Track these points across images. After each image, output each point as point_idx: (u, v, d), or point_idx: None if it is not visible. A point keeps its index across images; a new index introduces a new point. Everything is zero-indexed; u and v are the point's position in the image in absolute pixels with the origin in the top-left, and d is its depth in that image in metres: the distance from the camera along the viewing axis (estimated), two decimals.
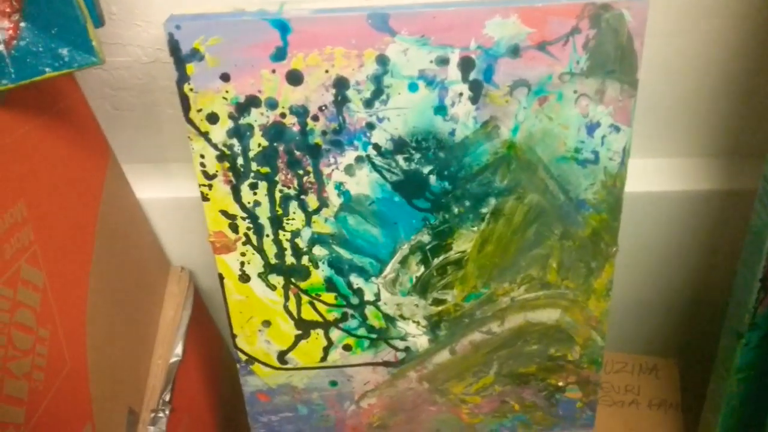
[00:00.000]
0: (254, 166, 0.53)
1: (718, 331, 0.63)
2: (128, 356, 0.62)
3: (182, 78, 0.49)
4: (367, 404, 0.66)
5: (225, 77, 0.49)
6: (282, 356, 0.63)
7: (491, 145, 0.52)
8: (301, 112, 0.50)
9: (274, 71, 0.49)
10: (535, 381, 0.64)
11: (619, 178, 0.53)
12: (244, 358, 0.63)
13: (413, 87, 0.49)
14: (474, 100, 0.50)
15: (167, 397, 0.64)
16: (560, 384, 0.64)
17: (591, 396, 0.65)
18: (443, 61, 0.48)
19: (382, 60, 0.48)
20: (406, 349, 0.62)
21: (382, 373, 0.64)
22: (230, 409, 0.74)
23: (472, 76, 0.49)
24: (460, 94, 0.50)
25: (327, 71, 0.49)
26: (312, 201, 0.54)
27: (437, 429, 0.68)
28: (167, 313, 0.69)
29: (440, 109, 0.50)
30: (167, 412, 0.63)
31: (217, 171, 0.53)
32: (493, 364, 0.63)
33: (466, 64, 0.49)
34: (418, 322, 0.61)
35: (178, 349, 0.67)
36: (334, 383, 0.65)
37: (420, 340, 0.62)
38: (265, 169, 0.53)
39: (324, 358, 0.63)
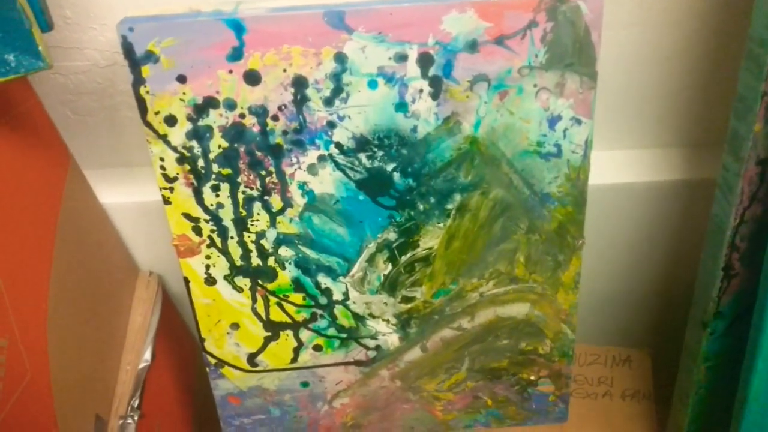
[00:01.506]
0: (215, 167, 0.52)
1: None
2: (95, 363, 0.62)
3: (138, 80, 0.48)
4: (340, 404, 0.66)
5: (181, 79, 0.48)
6: (252, 359, 0.62)
7: (454, 141, 0.51)
8: (260, 112, 0.50)
9: (231, 71, 0.48)
10: (507, 376, 0.64)
11: (582, 171, 0.53)
12: (213, 361, 0.62)
13: (373, 84, 0.49)
14: (434, 96, 0.50)
15: (136, 403, 0.63)
16: (532, 378, 0.64)
17: (563, 389, 0.65)
18: (402, 58, 0.48)
19: (340, 58, 0.48)
20: (377, 348, 0.62)
21: (353, 373, 0.64)
22: (203, 413, 0.73)
23: (432, 71, 0.49)
24: (420, 91, 0.49)
25: (285, 70, 0.48)
26: (276, 201, 0.54)
27: (411, 426, 0.68)
28: (136, 319, 0.68)
29: (401, 106, 0.50)
30: (136, 419, 0.62)
31: (177, 174, 0.52)
32: (465, 360, 0.63)
33: (424, 60, 0.48)
34: (387, 320, 0.60)
35: (147, 355, 0.66)
36: (305, 384, 0.64)
37: (391, 338, 0.61)
38: (227, 171, 0.52)
39: (294, 360, 0.62)
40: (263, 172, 0.52)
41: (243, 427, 0.67)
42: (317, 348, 0.62)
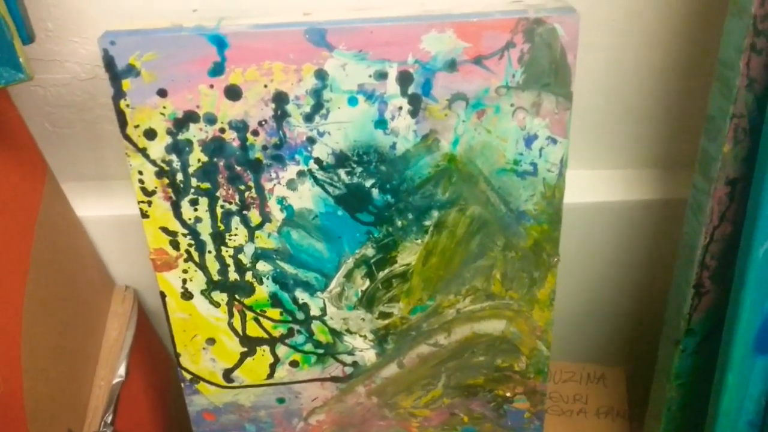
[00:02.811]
0: (194, 181, 0.52)
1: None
2: (68, 378, 0.61)
3: (118, 94, 0.48)
4: (316, 421, 0.66)
5: (162, 93, 0.48)
6: (228, 374, 0.62)
7: (432, 158, 0.52)
8: (240, 127, 0.50)
9: (212, 86, 0.48)
10: (483, 392, 0.65)
11: (557, 189, 0.54)
12: (188, 377, 0.62)
13: (353, 101, 0.50)
14: (413, 113, 0.50)
15: (109, 419, 0.62)
16: (508, 395, 0.65)
17: (538, 406, 0.66)
18: (382, 76, 0.49)
19: (321, 74, 0.48)
20: (354, 364, 0.62)
21: (330, 389, 0.64)
22: (178, 429, 0.73)
23: (411, 89, 0.49)
24: (400, 108, 0.50)
25: (266, 86, 0.49)
26: (254, 216, 0.54)
27: None
28: (110, 334, 0.67)
29: (380, 123, 0.51)
30: None
31: (156, 187, 0.52)
32: (441, 377, 0.63)
33: (404, 78, 0.49)
34: (365, 336, 0.60)
35: (122, 370, 0.65)
36: (281, 400, 0.64)
37: (367, 354, 0.61)
38: (206, 185, 0.52)
39: (271, 375, 0.62)
40: (242, 187, 0.52)
41: None
42: (294, 364, 0.62)
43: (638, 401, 0.71)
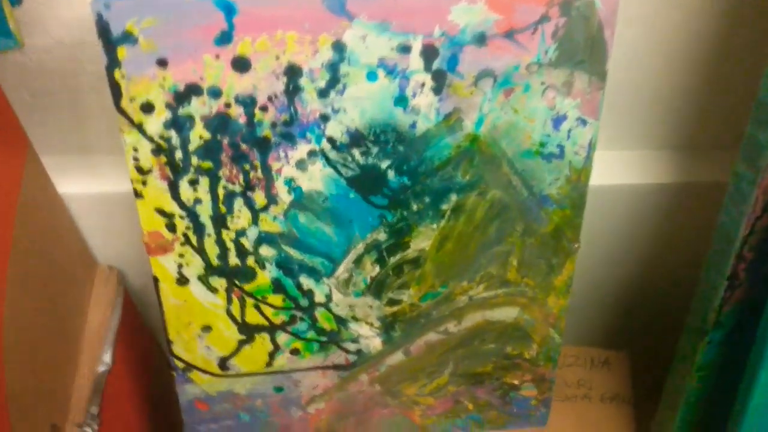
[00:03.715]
0: (195, 160, 0.48)
1: (671, 324, 0.63)
2: (51, 367, 0.57)
3: (113, 63, 0.43)
4: (315, 409, 0.63)
5: (162, 62, 0.44)
6: (223, 362, 0.58)
7: (454, 139, 0.49)
8: (248, 102, 0.46)
9: (218, 56, 0.44)
10: (490, 380, 0.62)
11: (584, 173, 0.51)
12: (181, 365, 0.58)
13: (372, 76, 0.46)
14: (437, 90, 0.46)
15: (94, 411, 0.58)
16: (516, 382, 0.63)
17: (546, 393, 0.64)
18: (405, 49, 0.45)
19: (339, 46, 0.44)
20: (358, 352, 0.59)
21: (331, 377, 0.60)
22: (166, 417, 0.69)
23: (436, 65, 0.45)
24: (422, 85, 0.46)
25: (278, 58, 0.44)
26: (259, 198, 0.50)
27: (388, 431, 0.65)
28: (94, 318, 0.63)
29: (401, 100, 0.47)
30: (95, 427, 0.57)
31: (152, 166, 0.48)
32: (449, 364, 0.61)
33: (429, 53, 0.45)
34: (371, 324, 0.57)
35: (107, 357, 0.61)
36: (279, 389, 0.61)
37: (373, 342, 0.58)
38: (207, 164, 0.48)
39: (269, 364, 0.59)
40: (247, 167, 0.48)
41: None
42: (295, 352, 0.58)
43: (643, 387, 0.70)
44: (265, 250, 0.52)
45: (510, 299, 0.57)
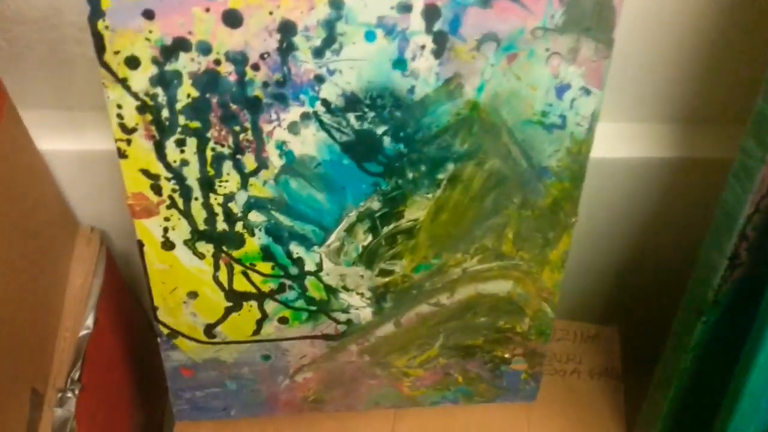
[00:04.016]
0: (182, 119, 0.45)
1: (663, 300, 0.62)
2: (30, 331, 0.55)
3: (96, 13, 0.41)
4: (303, 378, 0.62)
5: (148, 14, 0.41)
6: (210, 330, 0.57)
7: (453, 105, 0.47)
8: (239, 60, 0.43)
9: (208, 10, 0.41)
10: (481, 353, 0.61)
11: (585, 145, 0.49)
12: (166, 332, 0.56)
13: (370, 36, 0.43)
14: (437, 54, 0.44)
15: (76, 375, 0.57)
16: (506, 356, 0.62)
17: (536, 367, 0.63)
18: (405, 8, 0.42)
19: (336, 3, 0.42)
20: (348, 322, 0.57)
21: (320, 347, 0.59)
22: (150, 382, 0.67)
23: (437, 26, 0.43)
24: (423, 47, 0.44)
25: (271, 13, 0.42)
26: (249, 161, 0.48)
27: (376, 402, 0.64)
28: (75, 280, 0.61)
29: (399, 63, 0.45)
30: (76, 392, 0.56)
31: (137, 124, 0.45)
32: (439, 337, 0.60)
33: (431, 13, 0.43)
34: (362, 294, 0.56)
35: (89, 321, 0.59)
36: (266, 357, 0.59)
37: (363, 313, 0.57)
38: (195, 124, 0.46)
39: (257, 332, 0.57)
40: (237, 128, 0.46)
41: (195, 400, 0.62)
42: (283, 320, 0.57)
43: (632, 362, 0.69)
44: (255, 216, 0.50)
45: (504, 272, 0.56)
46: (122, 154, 0.47)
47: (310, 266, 0.54)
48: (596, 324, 0.72)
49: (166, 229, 0.50)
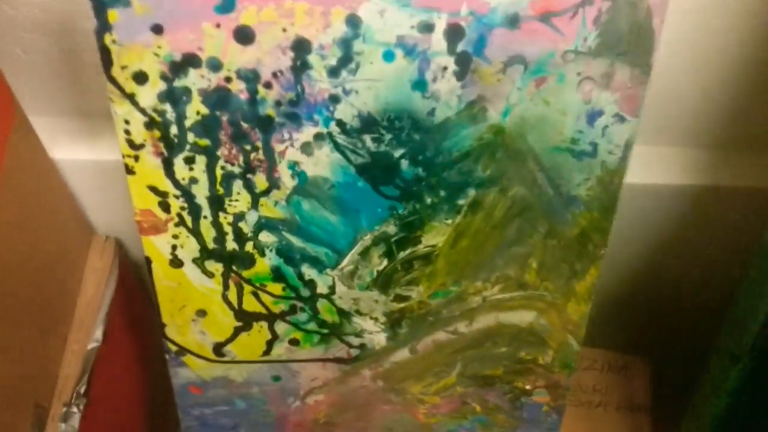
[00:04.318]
0: (191, 137, 0.44)
1: (698, 334, 0.59)
2: (38, 343, 0.54)
3: (103, 27, 0.39)
4: (314, 401, 0.60)
5: (157, 29, 0.39)
6: (218, 348, 0.55)
7: (476, 130, 0.44)
8: (250, 78, 0.41)
9: (218, 25, 0.39)
10: (501, 383, 0.59)
11: (617, 175, 0.46)
12: (174, 349, 0.55)
13: (389, 56, 0.41)
14: (460, 75, 0.42)
15: (82, 390, 0.55)
16: (528, 387, 0.59)
17: (559, 400, 0.60)
18: (427, 28, 0.40)
19: (353, 21, 0.39)
20: (361, 346, 0.55)
21: (332, 370, 0.57)
22: (159, 397, 0.66)
23: (461, 47, 0.41)
24: (444, 68, 0.41)
25: (285, 30, 0.40)
26: (260, 181, 0.46)
27: (390, 428, 0.62)
28: (87, 291, 0.60)
29: (419, 84, 0.42)
30: (81, 407, 0.55)
31: (145, 140, 0.44)
32: (457, 365, 0.57)
33: (453, 33, 0.40)
34: (376, 319, 0.53)
35: (98, 333, 0.58)
36: (277, 378, 0.58)
37: (377, 338, 0.55)
38: (205, 142, 0.44)
39: (267, 353, 0.55)
40: (248, 147, 0.44)
41: (203, 417, 0.61)
42: (294, 342, 0.55)
43: (663, 397, 0.66)
44: (265, 237, 0.48)
45: (527, 303, 0.53)
46: (130, 170, 0.45)
47: (322, 289, 0.51)
48: (626, 354, 0.68)
49: (174, 247, 0.49)
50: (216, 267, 0.50)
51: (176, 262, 0.50)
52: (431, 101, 0.43)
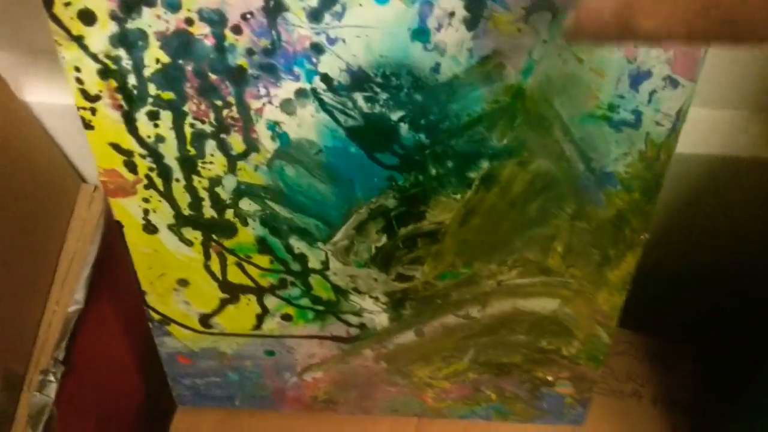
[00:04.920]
0: (152, 88, 0.37)
1: (751, 324, 0.51)
2: (14, 301, 0.50)
3: None
4: (312, 377, 0.54)
5: None
6: (205, 320, 0.50)
7: (490, 90, 0.36)
8: (215, 20, 0.34)
9: None
10: (519, 372, 0.52)
11: (664, 150, 0.38)
12: (157, 317, 0.50)
13: None
14: (471, 24, 0.34)
15: (61, 356, 0.51)
16: (549, 378, 0.52)
17: (584, 393, 0.53)
18: None
19: None
20: (361, 326, 0.49)
21: (330, 348, 0.52)
22: (152, 365, 0.62)
23: None
24: (451, 14, 0.33)
25: None
26: (236, 142, 0.39)
27: (395, 409, 0.57)
28: (70, 245, 0.55)
29: (420, 33, 0.34)
30: (59, 376, 0.51)
31: (100, 91, 0.37)
32: (469, 351, 0.51)
33: None
34: (376, 298, 0.47)
35: (80, 295, 0.53)
36: (270, 353, 0.52)
37: (379, 318, 0.49)
38: (168, 95, 0.37)
39: (258, 326, 0.50)
40: (219, 102, 0.37)
41: (196, 387, 0.56)
42: (286, 317, 0.49)
43: (704, 389, 0.58)
44: (247, 205, 0.42)
45: (549, 289, 0.46)
46: (87, 125, 0.39)
47: (314, 264, 0.45)
48: (667, 340, 0.60)
49: (146, 211, 0.43)
50: (194, 234, 0.44)
51: (150, 228, 0.44)
52: (435, 54, 0.35)
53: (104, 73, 0.36)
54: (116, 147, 0.40)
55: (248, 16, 0.34)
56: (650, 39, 0.23)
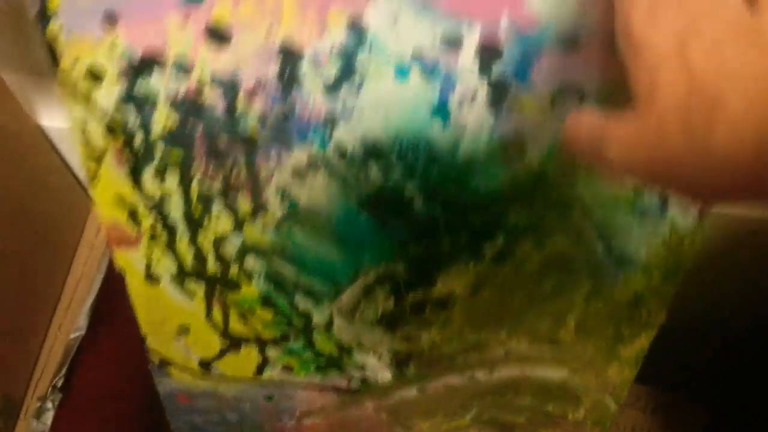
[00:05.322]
0: (160, 147, 0.36)
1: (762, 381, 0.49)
2: (17, 326, 0.49)
3: (44, 13, 0.31)
4: (311, 422, 0.53)
5: (111, 17, 0.31)
6: (205, 365, 0.49)
7: (510, 170, 0.34)
8: (228, 85, 0.33)
9: (187, 18, 0.31)
10: (522, 431, 0.51)
11: (688, 239, 0.36)
12: (156, 359, 0.49)
13: (402, 73, 0.32)
14: (494, 104, 0.32)
15: (59, 383, 0.50)
16: None
17: None
18: (454, 42, 0.30)
19: (357, 29, 0.30)
20: (363, 380, 0.48)
21: (331, 397, 0.50)
22: (152, 397, 0.61)
23: (497, 69, 0.31)
24: (474, 93, 0.32)
25: (269, 32, 0.31)
26: (244, 203, 0.38)
27: None
28: (77, 269, 0.54)
29: (440, 110, 0.33)
30: (56, 403, 0.50)
31: (106, 148, 0.36)
32: (472, 409, 0.49)
33: (488, 52, 0.30)
34: (380, 355, 0.46)
35: (82, 321, 0.52)
36: (270, 397, 0.51)
37: (382, 374, 0.47)
38: (176, 154, 0.36)
39: (258, 374, 0.49)
40: (228, 164, 0.36)
41: (194, 423, 0.55)
42: (287, 368, 0.48)
43: None
44: (252, 262, 0.41)
45: (559, 359, 0.44)
46: (92, 175, 0.38)
47: (318, 320, 0.44)
48: (676, 395, 0.59)
49: (149, 263, 0.42)
50: (197, 287, 0.43)
51: (152, 279, 0.43)
52: (454, 132, 0.33)
53: (111, 130, 0.35)
54: (120, 200, 0.39)
55: (262, 84, 0.33)
56: (618, 171, 0.21)
